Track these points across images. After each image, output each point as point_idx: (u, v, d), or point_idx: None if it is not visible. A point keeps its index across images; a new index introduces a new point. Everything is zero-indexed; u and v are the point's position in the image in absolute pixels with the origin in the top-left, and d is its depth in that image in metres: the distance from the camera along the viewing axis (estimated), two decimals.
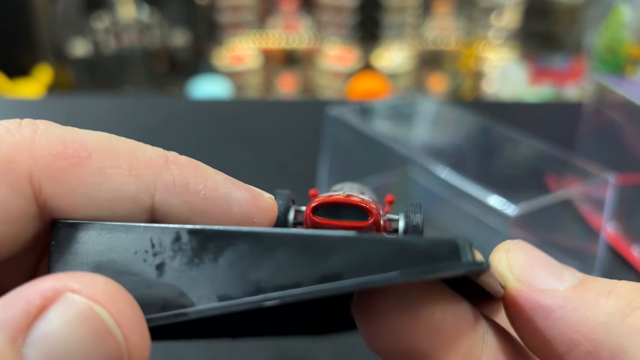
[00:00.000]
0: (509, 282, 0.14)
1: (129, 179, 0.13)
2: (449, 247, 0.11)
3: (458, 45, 1.61)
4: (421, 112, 0.50)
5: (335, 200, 0.15)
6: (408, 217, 0.16)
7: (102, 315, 0.10)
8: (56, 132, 0.12)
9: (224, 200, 0.14)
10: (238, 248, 0.12)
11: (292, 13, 1.60)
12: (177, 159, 0.13)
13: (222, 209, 0.14)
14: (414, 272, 0.11)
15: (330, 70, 1.59)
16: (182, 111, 0.65)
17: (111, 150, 0.13)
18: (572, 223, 0.42)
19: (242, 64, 1.59)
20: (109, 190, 0.13)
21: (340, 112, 0.43)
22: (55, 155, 0.12)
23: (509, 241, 0.15)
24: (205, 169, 0.14)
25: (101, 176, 0.12)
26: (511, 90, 1.46)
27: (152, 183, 0.13)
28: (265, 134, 0.57)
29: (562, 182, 0.40)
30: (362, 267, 0.11)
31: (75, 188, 0.12)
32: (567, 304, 0.13)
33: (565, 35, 1.61)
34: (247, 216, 0.14)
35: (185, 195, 0.13)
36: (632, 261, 0.38)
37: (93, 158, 0.12)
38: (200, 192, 0.13)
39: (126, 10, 1.55)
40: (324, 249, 0.11)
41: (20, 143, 0.12)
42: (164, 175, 0.13)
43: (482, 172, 0.37)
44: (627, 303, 0.12)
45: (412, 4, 1.58)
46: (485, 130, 0.44)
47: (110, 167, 0.13)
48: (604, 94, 0.47)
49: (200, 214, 0.13)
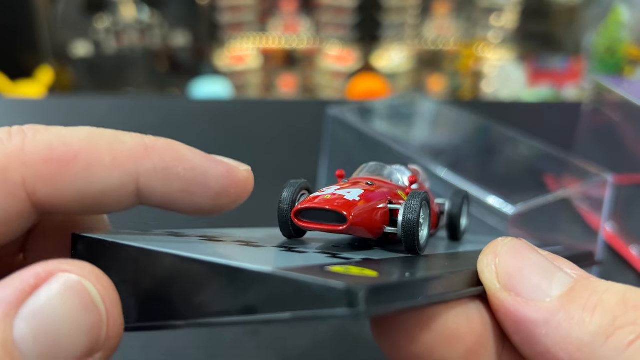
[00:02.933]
0: (496, 291, 0.14)
1: (113, 172, 0.14)
2: (338, 294, 0.11)
3: (457, 45, 1.61)
4: (420, 112, 0.50)
5: (314, 206, 0.15)
6: (406, 208, 0.16)
7: (90, 289, 0.12)
8: (43, 138, 0.14)
9: (202, 177, 0.15)
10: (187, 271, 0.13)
11: (292, 14, 1.60)
12: (155, 145, 0.15)
13: (200, 185, 0.15)
14: (303, 316, 0.11)
15: (330, 71, 1.59)
16: (183, 111, 0.65)
17: (94, 146, 0.14)
18: (570, 223, 0.42)
19: (243, 64, 1.59)
20: (97, 184, 0.14)
21: (340, 112, 0.43)
22: (44, 160, 0.13)
23: (499, 241, 0.15)
24: (182, 151, 0.15)
25: (88, 173, 0.14)
26: (510, 91, 1.46)
27: (135, 172, 0.14)
28: (265, 134, 0.58)
29: (561, 182, 0.41)
30: (272, 303, 0.11)
31: (65, 187, 0.14)
32: (552, 320, 0.13)
33: (564, 36, 1.61)
34: (224, 189, 0.15)
35: (166, 179, 0.15)
36: (631, 260, 0.38)
37: (79, 158, 0.14)
38: (179, 174, 0.15)
39: (127, 11, 1.55)
40: (246, 281, 0.12)
41: (12, 153, 0.13)
42: (144, 163, 0.14)
43: (481, 171, 0.38)
44: (612, 321, 0.12)
45: (411, 5, 1.58)
46: (484, 130, 0.44)
47: (95, 163, 0.14)
48: (603, 94, 0.47)
49: (181, 192, 0.15)
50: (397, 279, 0.12)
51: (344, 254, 0.15)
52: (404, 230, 0.16)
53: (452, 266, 0.16)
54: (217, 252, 0.14)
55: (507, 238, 0.15)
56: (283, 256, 0.14)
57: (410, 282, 0.12)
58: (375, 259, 0.15)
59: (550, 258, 0.14)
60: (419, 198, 0.16)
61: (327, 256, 0.14)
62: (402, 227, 0.16)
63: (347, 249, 0.16)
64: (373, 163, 0.19)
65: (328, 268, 0.12)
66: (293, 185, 0.17)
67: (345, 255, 0.15)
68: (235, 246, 0.15)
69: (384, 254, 0.16)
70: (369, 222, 0.16)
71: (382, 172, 0.18)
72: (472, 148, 0.46)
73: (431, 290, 0.13)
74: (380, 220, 0.16)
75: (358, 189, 0.16)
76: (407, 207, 0.16)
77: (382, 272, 0.13)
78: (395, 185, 0.18)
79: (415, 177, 0.18)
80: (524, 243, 0.15)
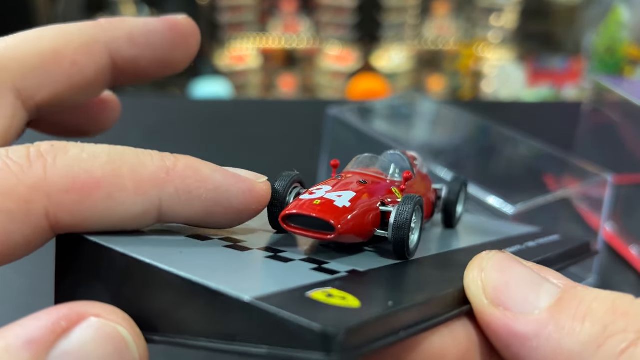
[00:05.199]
0: (483, 307, 0.13)
1: (136, 199, 0.14)
2: (314, 336, 0.10)
3: (457, 45, 1.61)
4: (420, 112, 0.50)
5: (302, 212, 0.15)
6: (399, 211, 0.16)
7: (125, 336, 0.12)
8: (64, 164, 0.13)
9: (224, 198, 0.15)
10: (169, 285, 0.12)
11: (292, 14, 1.60)
12: (177, 167, 0.14)
13: (223, 206, 0.15)
14: (278, 355, 0.11)
15: (330, 71, 1.59)
16: (183, 111, 0.65)
17: (116, 173, 0.13)
18: (570, 222, 0.42)
19: (243, 64, 1.59)
20: (119, 213, 0.13)
21: (340, 112, 0.43)
22: (67, 191, 0.13)
23: (483, 255, 0.15)
24: (203, 171, 0.15)
25: (110, 201, 0.13)
26: (510, 91, 1.46)
27: (157, 198, 0.14)
28: (265, 134, 0.58)
29: (561, 182, 0.41)
30: (249, 333, 0.11)
31: (87, 216, 0.13)
32: (542, 332, 0.13)
33: (564, 36, 1.61)
34: (246, 206, 0.15)
35: (188, 202, 0.14)
36: (630, 260, 0.38)
37: (102, 186, 0.13)
38: (202, 196, 0.14)
39: (127, 11, 1.55)
40: (225, 306, 0.11)
41: (34, 184, 0.13)
42: (167, 189, 0.14)
43: (481, 171, 0.38)
44: (602, 330, 0.12)
45: (411, 5, 1.58)
46: (484, 130, 0.44)
47: (118, 191, 0.13)
48: (603, 94, 0.47)
49: (204, 213, 0.15)
50: (379, 313, 0.12)
51: (330, 262, 0.15)
52: (394, 237, 0.15)
53: (440, 280, 0.15)
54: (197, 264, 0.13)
55: (491, 252, 0.15)
56: (266, 270, 0.14)
57: (394, 314, 0.12)
58: (362, 270, 0.15)
59: (536, 269, 0.14)
60: (412, 203, 0.16)
61: (312, 268, 0.14)
62: (393, 233, 0.15)
63: (335, 253, 0.16)
64: (367, 155, 0.18)
65: (309, 294, 0.12)
66: (285, 176, 0.17)
67: (332, 267, 0.14)
68: (220, 250, 0.15)
69: (372, 259, 0.16)
70: (359, 229, 0.15)
71: (376, 164, 0.18)
72: (472, 148, 0.47)
73: (416, 317, 0.12)
74: (370, 223, 0.16)
75: (350, 192, 0.16)
76: (399, 213, 0.15)
77: (365, 297, 0.12)
78: (390, 181, 0.18)
79: (410, 173, 0.18)
80: (508, 256, 0.14)
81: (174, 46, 0.20)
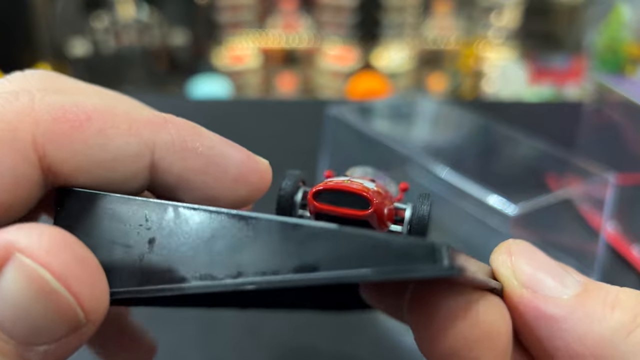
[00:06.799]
0: (513, 288, 0.14)
1: (129, 139, 0.13)
2: (424, 250, 0.11)
3: (458, 44, 1.61)
4: (421, 111, 0.50)
5: (337, 187, 0.14)
6: (415, 207, 0.15)
7: (46, 277, 0.11)
8: (54, 98, 0.13)
9: (220, 158, 0.14)
10: (224, 229, 0.12)
11: (292, 12, 1.60)
12: (175, 119, 0.14)
13: (218, 167, 0.14)
14: (386, 272, 0.11)
15: (330, 70, 1.59)
16: (182, 111, 0.65)
17: (109, 111, 0.13)
18: (572, 223, 0.42)
19: (242, 63, 1.59)
20: (111, 151, 0.13)
21: (340, 112, 0.43)
22: (56, 119, 0.12)
23: (510, 242, 0.15)
24: (201, 129, 0.14)
25: (102, 137, 0.13)
26: (511, 90, 1.46)
27: (152, 141, 0.13)
28: (265, 134, 0.57)
29: (562, 182, 0.40)
30: (338, 260, 0.11)
31: (78, 151, 0.13)
32: (572, 315, 0.13)
33: (565, 35, 1.61)
34: (242, 175, 0.14)
35: (183, 153, 0.14)
36: (632, 261, 0.38)
37: (93, 120, 0.13)
38: (197, 150, 0.14)
39: (126, 10, 1.55)
40: (304, 238, 0.11)
41: (21, 110, 0.12)
42: (162, 134, 0.13)
43: (482, 171, 0.37)
44: (633, 318, 0.13)
45: (412, 4, 1.58)
46: (485, 130, 0.44)
47: (110, 127, 0.13)
48: (604, 94, 0.47)
49: (198, 171, 0.14)
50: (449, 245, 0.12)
51: None
52: (414, 229, 0.15)
53: None
54: None
55: (517, 240, 0.15)
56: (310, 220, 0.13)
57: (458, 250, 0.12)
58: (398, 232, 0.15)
59: (558, 263, 0.14)
60: (428, 200, 0.16)
61: None
62: (412, 225, 0.15)
63: None
64: (359, 167, 0.18)
65: None
66: (292, 174, 0.17)
67: None
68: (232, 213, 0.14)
69: None
70: (383, 215, 0.15)
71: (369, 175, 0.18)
72: (473, 148, 0.46)
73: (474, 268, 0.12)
74: (389, 216, 0.15)
75: (369, 182, 0.15)
76: (416, 208, 0.15)
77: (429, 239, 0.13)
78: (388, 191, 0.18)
79: (407, 185, 0.18)
80: (533, 246, 0.15)
81: None
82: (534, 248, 0.15)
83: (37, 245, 0.11)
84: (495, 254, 0.15)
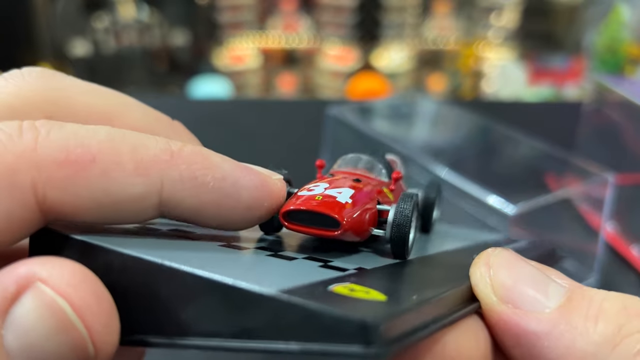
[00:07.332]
0: (492, 305, 0.13)
1: (135, 180, 0.12)
2: (354, 328, 0.10)
3: (457, 45, 1.61)
4: (421, 111, 0.50)
5: (306, 207, 0.14)
6: (397, 209, 0.15)
7: (65, 308, 0.11)
8: (58, 137, 0.12)
9: (232, 188, 0.14)
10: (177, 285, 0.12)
11: (292, 13, 1.60)
12: (183, 151, 0.13)
13: (231, 198, 0.14)
14: (312, 349, 0.10)
15: (330, 70, 1.59)
16: (182, 111, 0.65)
17: (114, 149, 0.12)
18: (571, 222, 0.42)
19: (242, 63, 1.59)
20: (115, 193, 0.12)
21: (340, 112, 0.43)
22: (59, 163, 0.12)
23: (490, 252, 0.14)
24: (212, 159, 0.14)
25: (106, 179, 0.12)
26: (511, 90, 1.46)
27: (159, 181, 0.13)
28: (265, 134, 0.57)
29: (562, 182, 0.41)
30: (272, 329, 0.10)
31: (80, 193, 0.12)
32: (554, 330, 0.12)
33: (565, 35, 1.61)
34: (257, 201, 0.14)
35: (193, 189, 0.13)
36: (631, 260, 0.38)
37: (97, 162, 0.12)
38: (209, 184, 0.13)
39: (126, 10, 1.55)
40: (244, 301, 0.11)
41: (22, 152, 0.12)
42: (170, 172, 0.13)
43: (482, 171, 0.38)
44: (617, 330, 0.12)
45: (411, 4, 1.58)
46: (485, 130, 0.44)
47: (115, 169, 0.12)
48: (604, 94, 0.47)
49: (210, 205, 0.13)
50: (411, 305, 0.11)
51: (334, 261, 0.14)
52: (394, 235, 0.15)
53: (444, 278, 0.15)
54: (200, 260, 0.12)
55: (496, 249, 0.14)
56: (275, 267, 0.13)
57: (424, 306, 0.11)
58: (368, 268, 0.14)
59: (540, 268, 0.14)
60: (411, 202, 0.15)
61: (318, 265, 0.14)
62: (392, 232, 0.15)
63: (334, 252, 0.15)
64: (352, 155, 0.18)
65: (331, 288, 0.11)
66: None
67: (338, 264, 0.14)
68: (217, 249, 0.14)
69: (372, 258, 0.15)
70: (360, 226, 0.15)
71: (362, 164, 0.18)
72: (473, 148, 0.46)
73: (440, 311, 0.12)
74: (369, 223, 0.15)
75: (348, 189, 0.15)
76: (398, 211, 0.15)
77: (388, 291, 0.12)
78: (379, 181, 0.17)
79: (401, 173, 0.17)
80: (513, 254, 0.14)
81: None
82: (514, 257, 0.14)
83: (58, 276, 0.11)
84: (474, 266, 0.14)
